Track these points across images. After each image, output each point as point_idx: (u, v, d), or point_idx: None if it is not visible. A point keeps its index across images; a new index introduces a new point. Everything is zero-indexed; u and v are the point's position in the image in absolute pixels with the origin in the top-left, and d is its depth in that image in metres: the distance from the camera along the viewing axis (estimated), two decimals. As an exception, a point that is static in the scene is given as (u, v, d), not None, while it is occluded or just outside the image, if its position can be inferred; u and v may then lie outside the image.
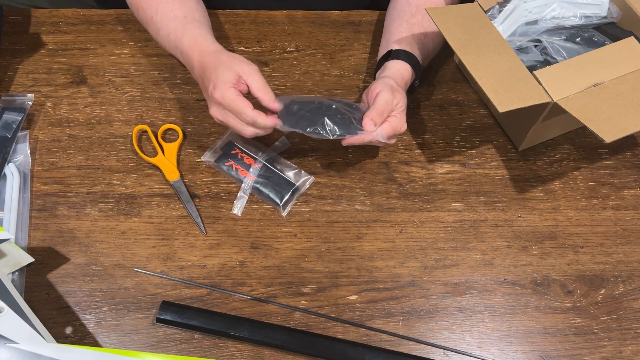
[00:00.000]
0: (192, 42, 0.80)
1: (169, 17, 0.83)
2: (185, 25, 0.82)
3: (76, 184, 0.83)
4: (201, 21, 0.84)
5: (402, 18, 0.87)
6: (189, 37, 0.81)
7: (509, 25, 0.84)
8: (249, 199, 0.82)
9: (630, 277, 0.79)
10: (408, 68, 0.82)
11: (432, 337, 0.74)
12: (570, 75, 0.75)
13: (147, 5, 0.85)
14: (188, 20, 0.82)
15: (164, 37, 0.84)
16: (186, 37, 0.81)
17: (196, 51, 0.79)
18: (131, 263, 0.77)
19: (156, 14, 0.84)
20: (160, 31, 0.85)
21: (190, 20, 0.82)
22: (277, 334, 0.72)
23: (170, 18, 0.83)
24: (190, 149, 0.86)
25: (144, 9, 0.86)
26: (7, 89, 0.90)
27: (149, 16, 0.86)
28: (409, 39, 0.84)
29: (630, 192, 0.85)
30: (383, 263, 0.79)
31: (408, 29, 0.85)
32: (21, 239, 0.78)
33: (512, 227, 0.82)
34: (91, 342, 0.72)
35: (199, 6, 0.86)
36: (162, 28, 0.84)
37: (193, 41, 0.80)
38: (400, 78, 0.81)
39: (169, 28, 0.83)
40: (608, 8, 0.85)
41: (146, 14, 0.86)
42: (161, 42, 0.86)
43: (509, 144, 0.88)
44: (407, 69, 0.82)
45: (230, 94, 0.73)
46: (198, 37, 0.80)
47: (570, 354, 0.73)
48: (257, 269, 0.78)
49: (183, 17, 0.83)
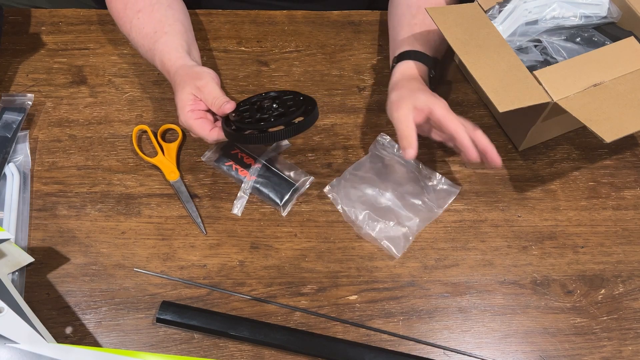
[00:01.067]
0: (161, 64, 0.82)
1: (142, 35, 0.84)
2: (154, 44, 0.82)
3: (76, 184, 0.83)
4: (170, 32, 0.82)
5: (403, 22, 0.87)
6: (159, 57, 0.82)
7: (509, 25, 0.84)
8: (249, 199, 0.82)
9: (630, 277, 0.79)
10: (412, 65, 0.81)
11: (432, 337, 0.74)
12: (570, 75, 0.75)
13: (123, 22, 0.86)
14: (157, 36, 0.82)
15: (143, 54, 0.86)
16: (157, 58, 0.82)
17: (165, 72, 0.82)
18: (131, 263, 0.77)
19: (131, 31, 0.85)
20: (139, 49, 0.86)
21: (159, 35, 0.82)
22: (277, 334, 0.72)
23: (143, 36, 0.83)
24: (190, 149, 0.86)
25: (121, 26, 0.87)
26: (7, 89, 0.90)
27: (127, 33, 0.87)
28: (411, 39, 0.84)
29: (630, 192, 0.85)
30: (383, 263, 0.79)
31: (409, 30, 0.85)
32: (21, 239, 0.78)
33: (512, 227, 0.82)
34: (91, 342, 0.72)
35: (169, 12, 0.84)
36: (139, 47, 0.85)
37: (161, 62, 0.82)
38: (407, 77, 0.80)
39: (144, 47, 0.84)
40: (608, 8, 0.85)
41: (124, 31, 0.87)
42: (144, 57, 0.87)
43: (509, 144, 0.88)
44: (411, 66, 0.81)
45: (187, 118, 0.76)
46: (164, 56, 0.81)
47: (570, 354, 0.73)
48: (257, 269, 0.78)
49: (153, 33, 0.82)
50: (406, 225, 0.80)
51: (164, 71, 0.82)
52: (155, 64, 0.83)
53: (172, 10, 0.85)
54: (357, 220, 0.80)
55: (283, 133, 0.73)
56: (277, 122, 0.74)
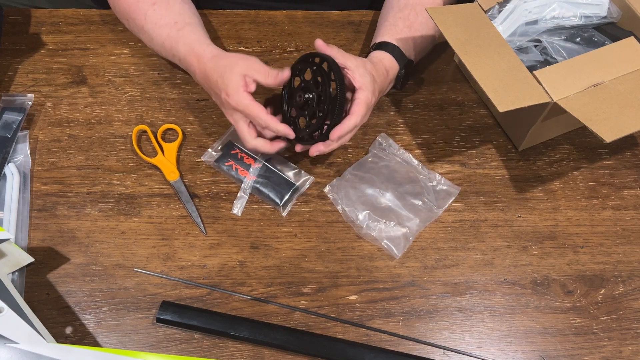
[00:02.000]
0: (188, 49, 0.81)
1: (160, 25, 0.84)
2: (177, 32, 0.82)
3: (76, 184, 0.83)
4: (192, 23, 0.84)
5: (389, 14, 0.88)
6: (184, 43, 0.81)
7: (509, 25, 0.84)
8: (249, 199, 0.82)
9: (630, 277, 0.79)
10: (389, 57, 0.83)
11: (432, 337, 0.74)
12: (570, 75, 0.75)
13: (136, 15, 0.86)
14: (179, 26, 0.83)
15: (158, 45, 0.85)
16: (181, 45, 0.81)
17: (194, 58, 0.80)
18: (131, 263, 0.77)
19: (146, 23, 0.85)
20: (154, 40, 0.85)
21: (181, 25, 0.83)
22: (277, 334, 0.72)
23: (161, 26, 0.83)
24: (190, 149, 0.86)
25: (133, 19, 0.87)
26: (7, 89, 0.90)
27: (139, 26, 0.86)
28: (391, 32, 0.85)
29: (630, 192, 0.85)
30: (383, 263, 0.79)
31: (393, 22, 0.86)
32: (21, 239, 0.78)
33: (512, 227, 0.82)
34: (91, 342, 0.72)
35: (185, 6, 0.86)
36: (155, 37, 0.84)
37: (189, 47, 0.81)
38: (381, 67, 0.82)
39: (162, 36, 0.83)
40: (608, 8, 0.85)
41: (136, 24, 0.87)
42: (156, 50, 0.87)
43: (509, 144, 0.88)
44: (387, 57, 0.83)
45: (244, 99, 0.75)
46: (194, 43, 0.81)
47: (570, 354, 0.73)
48: (257, 269, 0.78)
49: (174, 23, 0.83)
50: (406, 225, 0.80)
51: (189, 57, 0.81)
52: (178, 50, 0.82)
53: (188, 5, 0.87)
54: (357, 220, 0.80)
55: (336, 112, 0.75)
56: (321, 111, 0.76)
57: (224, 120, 0.88)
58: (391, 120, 0.90)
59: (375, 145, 0.86)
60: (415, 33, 0.86)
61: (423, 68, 0.95)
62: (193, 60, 0.80)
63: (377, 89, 0.79)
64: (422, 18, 0.86)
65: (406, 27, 0.86)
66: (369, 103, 0.77)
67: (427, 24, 0.87)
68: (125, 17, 0.89)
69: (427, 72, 0.95)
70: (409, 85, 0.92)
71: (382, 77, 0.81)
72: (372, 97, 0.77)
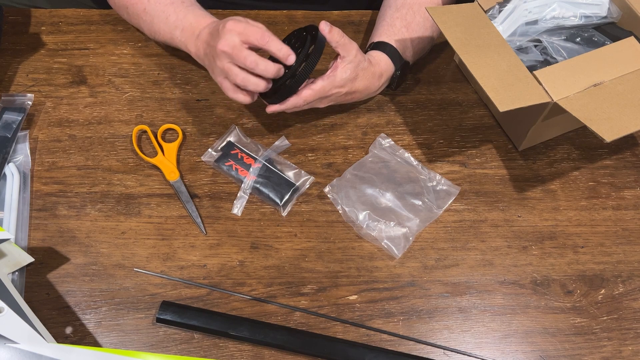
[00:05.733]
0: (199, 17, 0.82)
1: (165, 3, 0.85)
2: (187, 7, 0.84)
3: (76, 184, 0.83)
4: (195, 4, 0.86)
5: (386, 14, 0.88)
6: (195, 14, 0.83)
7: (509, 25, 0.84)
8: (249, 199, 0.82)
9: (630, 277, 0.79)
10: (385, 58, 0.83)
11: (432, 337, 0.74)
12: (570, 75, 0.75)
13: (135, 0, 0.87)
14: (188, 4, 0.85)
15: (161, 22, 0.85)
16: (191, 14, 0.83)
17: (202, 22, 0.81)
18: (131, 263, 0.77)
19: (149, 5, 0.86)
20: (155, 19, 0.85)
21: (189, 3, 0.85)
22: (277, 334, 0.72)
23: (167, 4, 0.85)
24: (190, 149, 0.86)
25: (133, 5, 0.87)
26: (7, 89, 0.90)
27: (140, 9, 0.86)
28: (388, 32, 0.85)
29: (630, 192, 0.85)
30: (383, 263, 0.79)
31: (391, 22, 0.86)
32: (21, 239, 0.78)
33: (512, 227, 0.82)
34: (91, 342, 0.72)
35: None
36: (159, 14, 0.85)
37: (200, 16, 0.83)
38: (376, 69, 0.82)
39: (166, 12, 0.84)
40: (608, 8, 0.85)
41: (137, 9, 0.87)
42: (155, 30, 0.87)
43: (509, 143, 0.88)
44: (383, 58, 0.83)
45: (236, 40, 0.73)
46: (205, 15, 0.83)
47: (570, 354, 0.73)
48: (257, 269, 0.78)
49: (180, 2, 0.85)
50: (406, 225, 0.80)
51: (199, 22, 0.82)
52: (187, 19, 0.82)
53: None
54: (357, 220, 0.80)
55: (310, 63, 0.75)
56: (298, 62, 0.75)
57: (224, 120, 0.88)
58: (391, 120, 0.90)
59: (375, 145, 0.86)
60: (413, 33, 0.86)
61: (423, 68, 0.95)
62: (201, 24, 0.81)
63: (351, 87, 0.79)
64: (420, 18, 0.86)
65: (404, 27, 0.86)
66: (324, 92, 0.77)
67: (424, 23, 0.87)
68: (123, 5, 0.89)
69: (427, 72, 0.95)
70: (409, 85, 0.92)
71: (369, 79, 0.81)
72: (334, 89, 0.77)
